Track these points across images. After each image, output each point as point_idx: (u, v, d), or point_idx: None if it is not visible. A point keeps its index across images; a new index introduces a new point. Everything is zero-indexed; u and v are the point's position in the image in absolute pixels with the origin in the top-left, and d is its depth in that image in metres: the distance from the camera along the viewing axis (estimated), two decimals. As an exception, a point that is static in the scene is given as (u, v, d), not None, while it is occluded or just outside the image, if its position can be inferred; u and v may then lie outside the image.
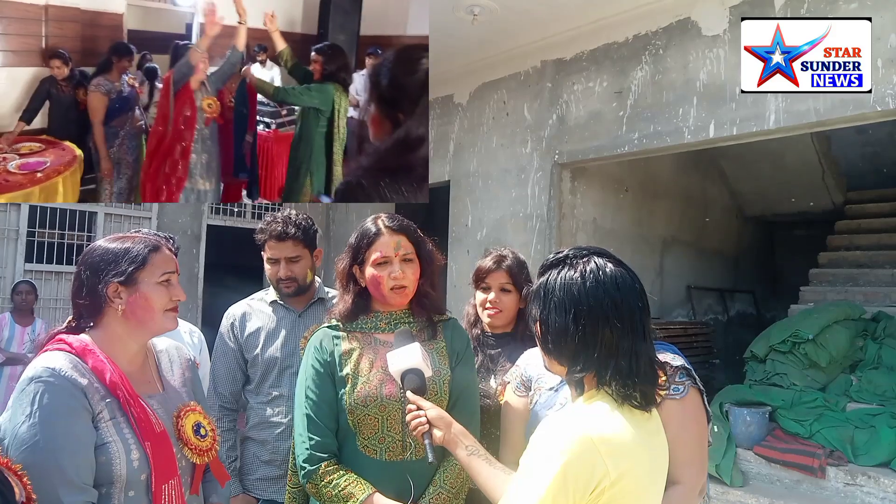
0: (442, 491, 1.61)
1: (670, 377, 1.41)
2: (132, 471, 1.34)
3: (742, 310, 8.53)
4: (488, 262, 2.08)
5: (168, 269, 1.50)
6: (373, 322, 1.73)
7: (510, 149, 5.09)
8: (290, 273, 2.30)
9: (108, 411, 1.36)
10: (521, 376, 1.73)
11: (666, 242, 7.05)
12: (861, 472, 4.04)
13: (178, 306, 1.53)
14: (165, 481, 1.37)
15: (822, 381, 4.98)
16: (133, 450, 1.35)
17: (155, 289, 1.47)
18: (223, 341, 2.38)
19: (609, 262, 1.25)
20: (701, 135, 3.89)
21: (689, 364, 1.49)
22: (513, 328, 2.10)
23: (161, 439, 1.39)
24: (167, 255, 1.52)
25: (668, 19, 4.11)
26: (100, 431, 1.34)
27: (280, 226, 2.28)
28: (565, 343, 1.22)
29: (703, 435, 1.46)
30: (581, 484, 1.10)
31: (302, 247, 2.31)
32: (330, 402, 1.64)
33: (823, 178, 7.70)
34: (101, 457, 1.32)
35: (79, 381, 1.34)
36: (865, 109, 3.27)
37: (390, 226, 1.71)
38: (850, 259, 6.90)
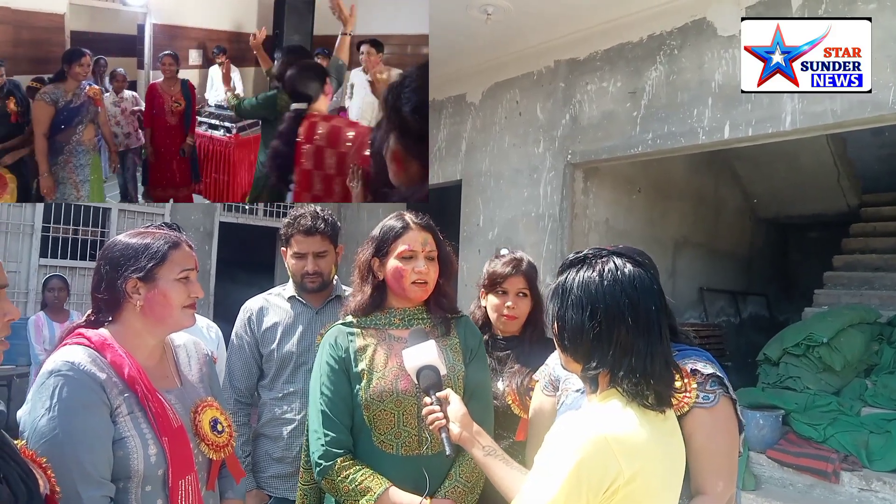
0: (458, 485, 1.62)
1: (700, 385, 1.39)
2: (149, 465, 1.34)
3: (755, 312, 8.46)
4: (506, 268, 2.04)
5: (187, 265, 1.49)
6: (387, 318, 1.73)
7: (522, 148, 5.07)
8: (317, 268, 2.30)
9: (127, 406, 1.36)
10: (549, 375, 1.72)
11: (678, 244, 7.01)
12: (876, 477, 4.00)
13: (195, 303, 1.52)
14: (182, 476, 1.37)
15: (837, 384, 4.93)
16: (151, 444, 1.35)
17: (173, 285, 1.46)
18: (239, 335, 2.38)
19: (628, 263, 1.26)
20: (716, 136, 3.87)
21: (723, 372, 1.45)
22: (521, 331, 2.09)
23: (178, 434, 1.39)
24: (186, 251, 1.51)
25: (683, 19, 4.08)
26: (118, 426, 1.34)
27: (309, 221, 2.28)
28: (581, 340, 1.22)
29: (734, 446, 1.42)
30: (594, 483, 1.10)
31: (328, 242, 2.31)
32: (345, 399, 1.64)
33: (839, 180, 7.63)
34: (118, 451, 1.32)
35: (97, 376, 1.34)
36: (883, 111, 3.23)
37: (419, 223, 1.72)
38: (866, 262, 6.83)
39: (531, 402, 1.77)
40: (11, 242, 5.60)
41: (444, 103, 5.75)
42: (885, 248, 6.85)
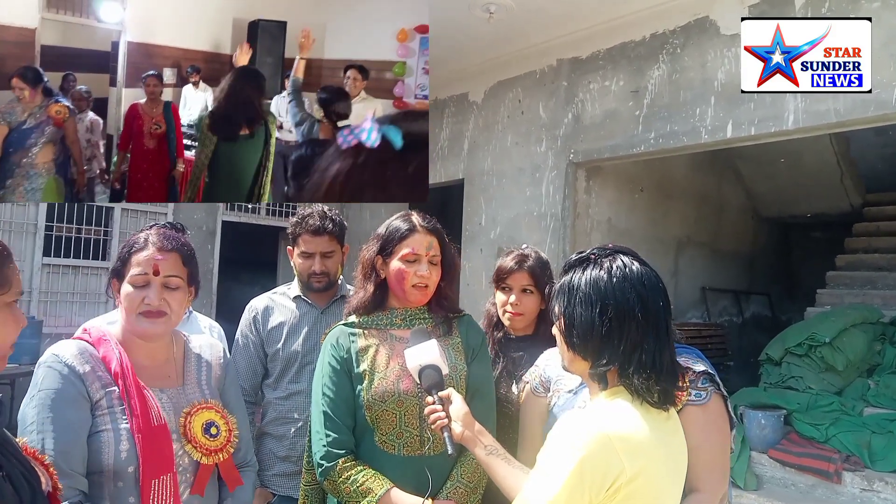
0: (459, 485, 1.62)
1: (692, 382, 1.40)
2: (119, 461, 1.32)
3: (757, 312, 8.45)
4: (509, 262, 2.01)
5: (140, 270, 1.40)
6: (388, 318, 1.74)
7: (525, 147, 5.07)
8: (324, 268, 2.30)
9: (107, 400, 1.35)
10: (540, 376, 1.72)
11: (681, 243, 7.00)
12: (878, 477, 3.99)
13: (156, 311, 1.41)
14: (156, 476, 1.34)
15: (839, 384, 4.92)
16: (123, 440, 1.33)
17: (127, 289, 1.42)
18: (244, 334, 2.38)
19: (634, 261, 1.27)
20: (718, 135, 3.86)
21: (713, 369, 1.46)
22: (534, 330, 2.05)
23: (157, 433, 1.36)
24: (148, 255, 1.42)
25: (685, 18, 4.08)
26: (96, 419, 1.34)
27: (318, 221, 2.28)
28: (591, 337, 1.23)
29: (726, 442, 1.43)
30: (597, 480, 1.11)
31: (336, 242, 2.32)
32: (347, 399, 1.64)
33: (842, 180, 7.60)
34: (92, 445, 1.32)
35: (78, 369, 1.35)
36: (887, 110, 3.22)
37: (425, 225, 1.72)
38: (869, 262, 6.81)
39: (521, 404, 1.76)
40: (15, 241, 5.61)
41: (447, 102, 5.75)
42: (889, 247, 6.83)
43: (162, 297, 1.42)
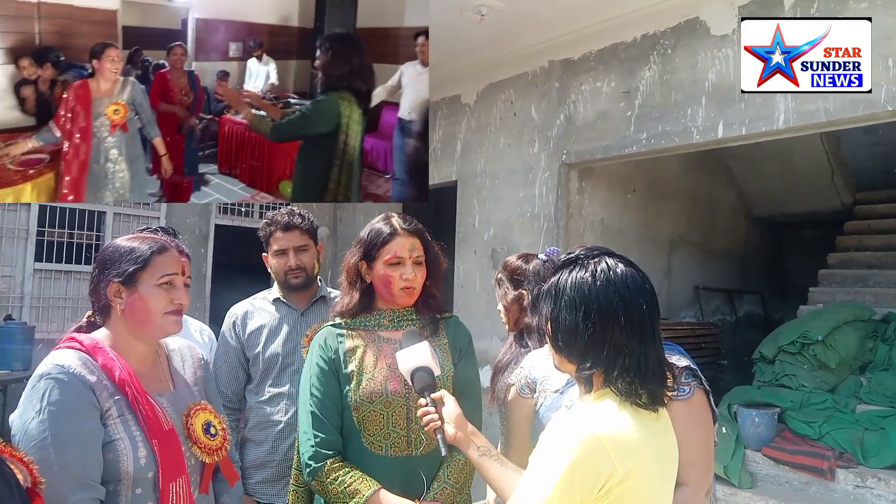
0: (446, 486, 1.62)
1: (676, 378, 1.41)
2: (139, 468, 1.34)
3: (750, 310, 8.49)
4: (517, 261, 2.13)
5: (170, 270, 1.47)
6: (376, 319, 1.74)
7: (517, 149, 5.08)
8: (300, 262, 2.31)
9: (117, 409, 1.36)
10: (525, 378, 1.72)
11: (673, 243, 7.02)
12: (871, 474, 4.00)
13: (181, 309, 1.50)
14: (173, 479, 1.37)
15: (832, 382, 4.94)
16: (140, 447, 1.35)
17: (153, 290, 1.44)
18: (225, 340, 2.39)
19: (620, 263, 1.27)
20: (709, 135, 3.88)
21: (696, 364, 1.49)
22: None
23: (169, 437, 1.39)
24: (172, 256, 1.49)
25: (676, 19, 4.09)
26: (108, 429, 1.34)
27: (286, 217, 2.32)
28: (575, 341, 1.23)
29: (710, 436, 1.46)
30: (588, 482, 1.11)
31: (308, 237, 2.34)
32: (335, 400, 1.65)
33: (833, 179, 7.65)
34: (108, 454, 1.32)
35: (87, 379, 1.34)
36: (876, 109, 3.24)
37: (406, 228, 1.72)
38: (860, 260, 6.84)
39: (508, 406, 1.78)
40: (6, 246, 5.58)
41: (439, 104, 5.75)
42: (880, 245, 6.87)
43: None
